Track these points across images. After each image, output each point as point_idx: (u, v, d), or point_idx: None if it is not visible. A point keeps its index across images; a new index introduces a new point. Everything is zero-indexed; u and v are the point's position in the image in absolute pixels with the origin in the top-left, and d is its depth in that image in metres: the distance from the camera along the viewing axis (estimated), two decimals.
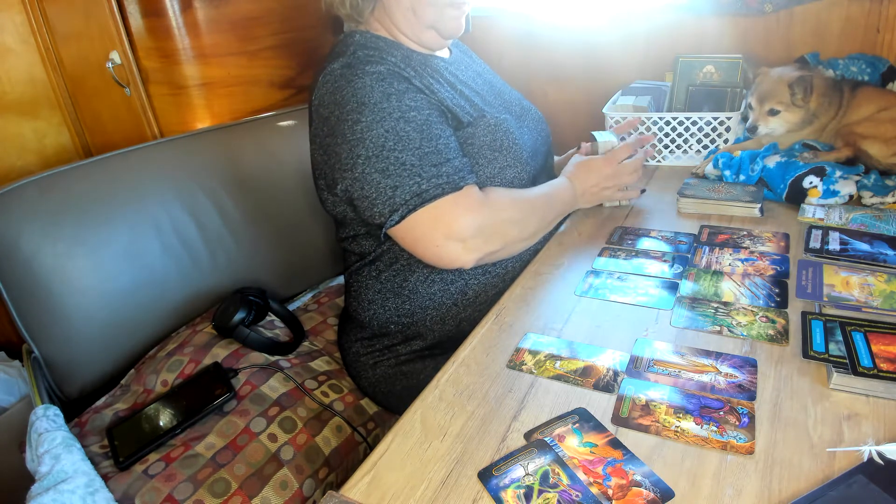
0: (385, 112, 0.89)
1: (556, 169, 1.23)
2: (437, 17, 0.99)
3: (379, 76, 0.92)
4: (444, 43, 1.07)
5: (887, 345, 0.70)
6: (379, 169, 0.88)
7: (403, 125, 0.89)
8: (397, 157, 0.88)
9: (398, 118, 0.89)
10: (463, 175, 0.91)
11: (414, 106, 0.91)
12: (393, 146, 0.88)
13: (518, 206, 0.98)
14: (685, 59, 1.39)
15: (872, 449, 0.57)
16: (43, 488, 0.81)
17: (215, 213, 1.29)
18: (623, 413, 0.66)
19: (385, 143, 0.88)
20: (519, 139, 1.03)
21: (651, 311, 0.84)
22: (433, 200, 0.88)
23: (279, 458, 0.95)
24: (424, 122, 0.91)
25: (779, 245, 0.97)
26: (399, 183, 0.88)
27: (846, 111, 1.16)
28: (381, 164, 0.88)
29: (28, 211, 1.07)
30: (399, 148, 0.88)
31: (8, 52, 1.59)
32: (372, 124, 0.88)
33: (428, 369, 1.04)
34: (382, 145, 0.88)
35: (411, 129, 0.89)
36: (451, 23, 1.00)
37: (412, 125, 0.90)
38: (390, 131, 0.88)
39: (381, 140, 0.88)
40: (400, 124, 0.89)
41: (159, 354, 1.13)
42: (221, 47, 1.47)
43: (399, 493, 0.59)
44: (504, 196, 0.97)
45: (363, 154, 0.88)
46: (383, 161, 0.88)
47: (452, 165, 0.91)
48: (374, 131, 0.88)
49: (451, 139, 0.94)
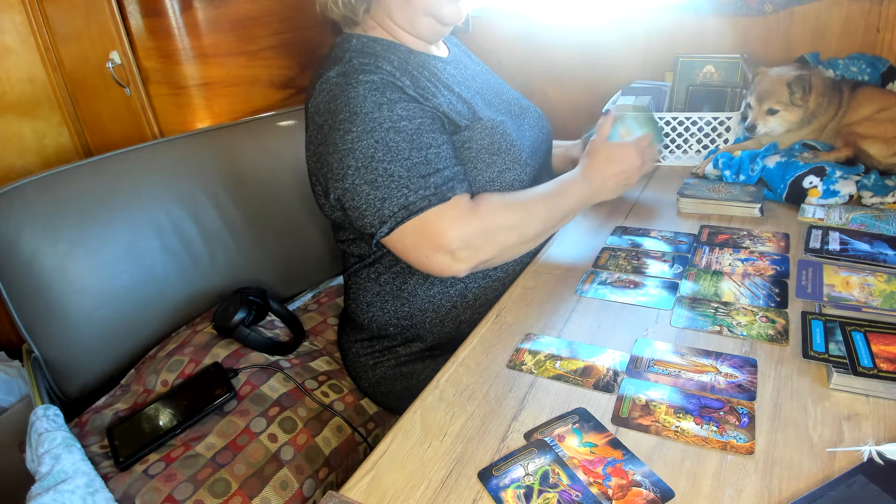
0: (376, 122, 0.89)
1: (554, 159, 1.23)
2: (433, 3, 0.97)
3: (372, 85, 0.91)
4: (444, 31, 1.04)
5: (887, 345, 0.70)
6: (368, 180, 0.88)
7: (393, 135, 0.89)
8: (385, 169, 0.88)
9: (388, 128, 0.89)
10: (452, 185, 0.90)
11: (405, 115, 0.91)
12: (382, 157, 0.88)
13: (513, 212, 0.94)
14: (685, 59, 1.39)
15: (872, 449, 0.57)
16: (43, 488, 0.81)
17: (215, 213, 1.29)
18: (623, 413, 0.66)
19: (374, 153, 0.88)
20: (517, 140, 1.02)
21: (651, 311, 0.84)
22: (420, 213, 0.87)
23: (279, 458, 0.95)
24: (415, 132, 0.91)
25: (779, 245, 0.97)
26: (387, 195, 0.88)
27: (846, 111, 1.16)
28: (370, 175, 0.88)
29: (28, 211, 1.07)
30: (388, 159, 0.88)
31: (8, 52, 1.59)
32: (362, 135, 0.88)
33: (428, 370, 1.04)
34: (372, 156, 0.88)
35: (401, 139, 0.89)
36: (449, 7, 0.99)
37: (402, 135, 0.89)
38: (380, 142, 0.88)
39: (371, 151, 0.88)
40: (390, 135, 0.89)
41: (159, 354, 1.13)
42: (221, 47, 1.47)
43: (399, 493, 0.59)
44: (497, 203, 0.94)
45: (353, 165, 0.88)
46: (372, 172, 0.88)
47: (442, 176, 0.90)
48: (364, 142, 0.88)
49: (443, 147, 0.93)
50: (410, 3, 0.97)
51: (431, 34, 1.03)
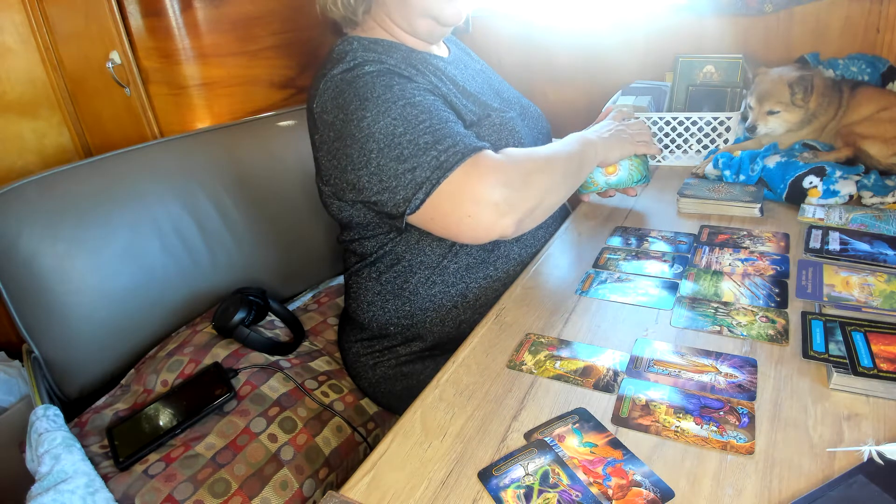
0: (389, 102, 0.87)
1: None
2: (430, 4, 0.97)
3: (379, 73, 0.91)
4: (443, 31, 1.04)
5: (887, 345, 0.70)
6: (394, 157, 0.86)
7: (410, 109, 0.87)
8: (410, 140, 0.86)
9: (403, 105, 0.87)
10: (479, 145, 0.88)
11: (417, 93, 0.90)
12: (403, 131, 0.86)
13: (536, 159, 0.93)
14: (685, 59, 1.40)
15: (872, 449, 0.57)
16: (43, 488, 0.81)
17: (215, 213, 1.29)
18: (623, 413, 0.66)
19: (395, 130, 0.86)
20: (524, 138, 1.03)
21: (651, 311, 0.84)
22: (454, 169, 0.84)
23: (279, 458, 0.95)
24: (431, 105, 0.90)
25: (779, 245, 0.97)
26: (417, 163, 0.85)
27: (846, 111, 1.16)
28: (395, 150, 0.86)
29: (28, 211, 1.07)
30: (410, 130, 0.86)
31: (8, 52, 1.59)
32: (378, 116, 0.87)
33: (428, 370, 1.04)
34: (392, 133, 0.86)
35: (418, 111, 0.88)
36: (447, 8, 0.98)
37: (419, 108, 0.88)
38: (398, 118, 0.87)
39: (391, 129, 0.86)
40: (407, 109, 0.87)
41: (159, 354, 1.13)
42: (221, 47, 1.47)
43: (399, 493, 0.59)
44: (520, 152, 0.92)
45: (375, 147, 0.86)
46: (396, 148, 0.86)
47: (466, 135, 0.88)
48: (382, 122, 0.86)
49: (458, 122, 0.92)
50: (407, 3, 0.97)
51: (431, 35, 1.03)
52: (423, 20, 0.99)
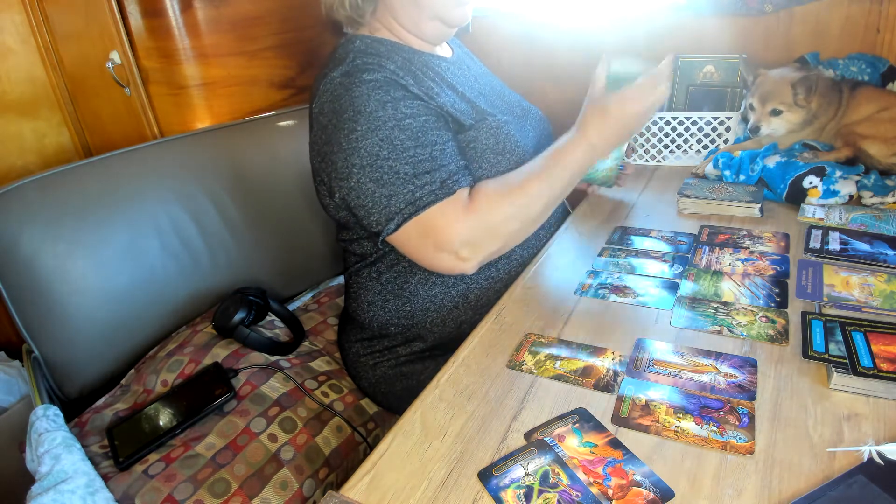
0: (380, 121, 0.89)
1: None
2: (441, 6, 0.98)
3: (376, 84, 0.91)
4: (450, 33, 1.05)
5: (887, 345, 0.70)
6: (373, 178, 0.88)
7: (398, 133, 0.89)
8: (391, 167, 0.88)
9: (392, 127, 0.89)
10: (457, 179, 0.90)
11: (409, 113, 0.91)
12: (387, 155, 0.88)
13: (513, 198, 0.91)
14: (685, 59, 1.39)
15: (872, 449, 0.57)
16: (43, 488, 0.81)
17: (215, 213, 1.29)
18: (623, 413, 0.66)
19: (379, 152, 0.88)
20: (521, 141, 1.02)
21: (651, 311, 0.84)
22: (426, 209, 0.87)
23: (279, 458, 0.95)
24: (420, 129, 0.91)
25: (779, 245, 0.97)
26: (394, 192, 0.88)
27: (846, 111, 1.16)
28: (376, 173, 0.88)
29: (28, 211, 1.07)
30: (393, 157, 0.88)
31: (8, 52, 1.59)
32: (367, 133, 0.88)
33: (428, 370, 1.04)
34: (377, 154, 0.88)
35: (405, 137, 0.89)
36: (457, 10, 0.99)
37: (406, 133, 0.90)
38: (385, 140, 0.88)
39: (376, 149, 0.88)
40: (395, 133, 0.89)
41: (159, 354, 1.13)
42: (221, 47, 1.47)
43: (399, 493, 0.59)
44: (494, 193, 0.91)
45: (358, 163, 0.89)
46: (377, 170, 0.88)
47: (447, 170, 0.90)
48: (369, 140, 0.88)
49: (447, 144, 0.93)
50: (418, 5, 0.98)
51: (437, 36, 1.04)
52: (431, 22, 1.00)
